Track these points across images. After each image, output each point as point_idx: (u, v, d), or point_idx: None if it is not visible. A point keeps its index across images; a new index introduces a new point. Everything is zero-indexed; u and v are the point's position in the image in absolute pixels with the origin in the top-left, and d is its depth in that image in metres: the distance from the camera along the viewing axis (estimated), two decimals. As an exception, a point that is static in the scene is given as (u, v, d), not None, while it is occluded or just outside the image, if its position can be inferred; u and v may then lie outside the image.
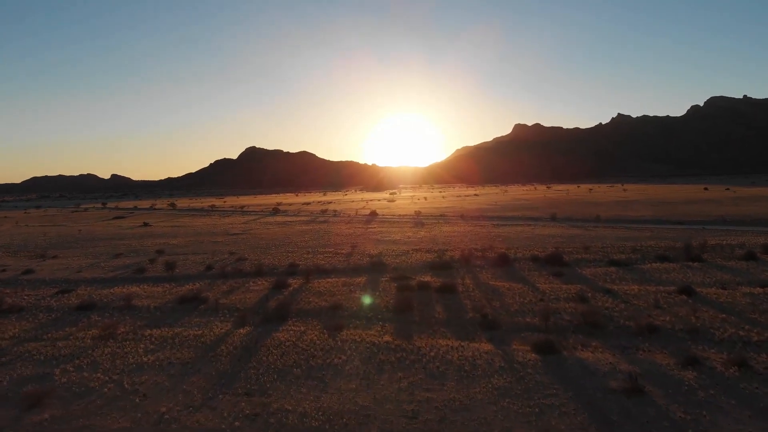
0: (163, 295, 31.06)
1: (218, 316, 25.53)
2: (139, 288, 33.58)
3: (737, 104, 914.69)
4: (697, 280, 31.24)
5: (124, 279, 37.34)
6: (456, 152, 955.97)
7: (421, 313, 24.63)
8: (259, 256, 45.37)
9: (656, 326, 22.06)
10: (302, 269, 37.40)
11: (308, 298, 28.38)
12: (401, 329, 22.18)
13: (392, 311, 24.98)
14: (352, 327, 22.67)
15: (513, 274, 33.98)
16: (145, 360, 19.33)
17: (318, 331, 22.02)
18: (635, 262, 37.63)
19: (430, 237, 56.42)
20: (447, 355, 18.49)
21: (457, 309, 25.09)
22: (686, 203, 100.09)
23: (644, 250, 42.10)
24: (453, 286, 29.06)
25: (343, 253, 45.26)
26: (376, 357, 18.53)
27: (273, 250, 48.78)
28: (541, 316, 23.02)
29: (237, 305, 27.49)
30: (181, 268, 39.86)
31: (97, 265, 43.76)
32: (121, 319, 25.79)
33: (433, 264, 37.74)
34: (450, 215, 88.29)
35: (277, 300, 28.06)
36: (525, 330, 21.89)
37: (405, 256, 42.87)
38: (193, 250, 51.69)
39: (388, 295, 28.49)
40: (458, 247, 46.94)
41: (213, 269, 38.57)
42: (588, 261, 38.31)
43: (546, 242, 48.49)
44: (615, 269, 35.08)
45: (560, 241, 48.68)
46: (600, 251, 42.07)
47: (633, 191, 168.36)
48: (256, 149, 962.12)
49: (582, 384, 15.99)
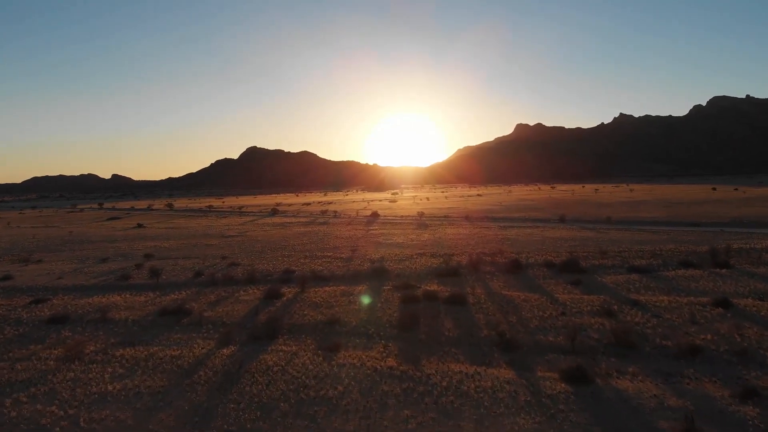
0: (144, 305, 28.33)
1: (201, 332, 22.80)
2: (120, 297, 30.86)
3: (740, 104, 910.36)
4: (730, 289, 28.47)
5: (107, 287, 34.63)
6: (457, 152, 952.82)
7: (428, 329, 21.88)
8: (253, 260, 42.64)
9: (698, 347, 19.28)
10: (298, 276, 34.64)
11: (303, 310, 25.63)
12: (407, 350, 19.44)
13: (396, 327, 22.23)
14: (351, 347, 19.93)
15: (527, 282, 31.21)
16: (110, 389, 16.59)
17: (311, 352, 19.27)
18: (657, 269, 34.85)
19: (435, 240, 53.66)
20: (462, 386, 15.72)
21: (469, 325, 22.32)
22: (697, 204, 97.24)
23: (665, 255, 39.31)
24: (463, 297, 26.29)
25: (343, 258, 42.54)
26: (379, 387, 15.77)
27: (268, 254, 46.05)
28: (566, 335, 20.25)
29: (223, 318, 24.76)
30: (169, 275, 37.13)
31: (80, 271, 41.06)
32: (93, 335, 23.08)
33: (439, 270, 34.98)
34: (454, 216, 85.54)
35: (268, 312, 25.31)
36: (549, 351, 19.15)
37: (409, 261, 40.13)
38: (185, 253, 48.97)
39: (391, 306, 25.74)
40: (465, 251, 44.18)
41: (202, 276, 35.84)
42: (606, 267, 35.53)
43: (558, 246, 45.70)
44: (637, 276, 32.30)
45: (573, 245, 45.89)
46: (618, 256, 39.29)
47: (640, 191, 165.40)
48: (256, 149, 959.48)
49: (627, 426, 13.22)
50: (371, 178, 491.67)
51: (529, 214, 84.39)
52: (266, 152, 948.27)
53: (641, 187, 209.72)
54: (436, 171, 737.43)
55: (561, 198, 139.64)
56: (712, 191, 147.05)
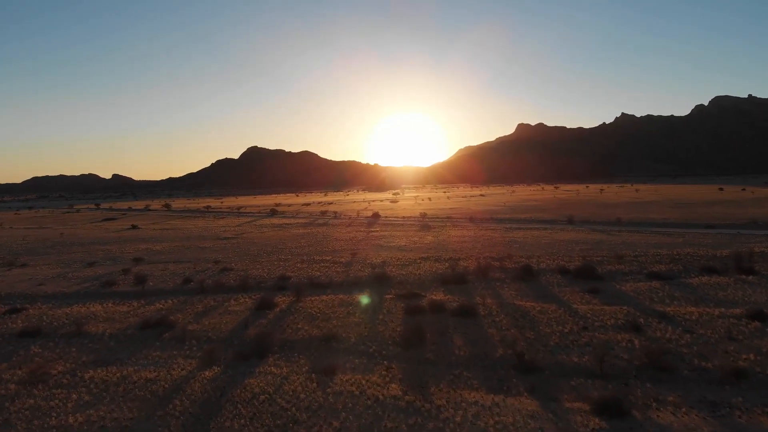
0: (125, 317, 26.06)
1: (183, 349, 20.54)
2: (101, 306, 28.61)
3: (742, 104, 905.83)
4: (762, 299, 26.14)
5: (89, 294, 32.38)
6: (459, 152, 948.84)
7: (436, 346, 19.59)
8: (246, 265, 40.35)
9: (742, 369, 16.97)
10: (293, 283, 32.35)
11: (297, 323, 23.35)
12: (412, 373, 17.15)
13: (399, 343, 19.94)
14: (349, 369, 17.65)
15: (541, 291, 28.91)
16: (71, 422, 14.34)
17: (304, 375, 16.99)
18: (679, 275, 32.51)
19: (439, 242, 51.33)
20: (478, 421, 13.43)
21: (481, 341, 20.02)
22: (707, 204, 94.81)
23: (684, 260, 36.98)
24: (473, 309, 23.99)
25: (342, 262, 40.23)
26: (381, 423, 13.48)
27: (264, 258, 43.76)
28: (592, 355, 17.96)
29: (209, 333, 22.49)
30: (156, 281, 34.86)
31: (64, 276, 38.82)
32: (64, 352, 20.82)
33: (444, 276, 32.66)
34: (457, 217, 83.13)
35: (258, 326, 23.05)
36: (574, 374, 16.85)
37: (412, 265, 37.83)
38: (177, 257, 46.70)
39: (394, 319, 23.45)
40: (471, 254, 41.87)
41: (191, 283, 33.56)
42: (624, 273, 33.20)
43: (570, 249, 43.36)
44: (659, 284, 29.97)
45: (585, 249, 43.55)
46: (634, 261, 36.96)
47: (645, 192, 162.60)
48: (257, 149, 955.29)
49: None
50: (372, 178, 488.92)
51: (535, 215, 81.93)
52: (267, 152, 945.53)
53: (646, 187, 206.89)
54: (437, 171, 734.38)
55: (566, 198, 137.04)
56: (719, 191, 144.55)
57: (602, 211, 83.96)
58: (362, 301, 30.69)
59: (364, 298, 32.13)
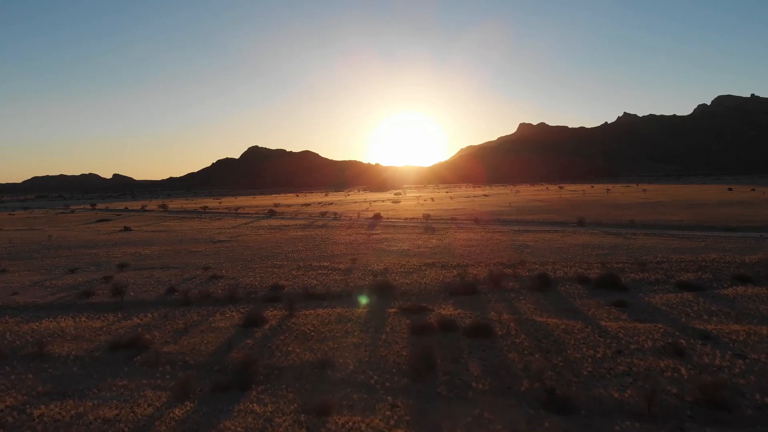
0: (96, 334, 23.22)
1: (155, 377, 17.71)
2: (72, 321, 25.80)
3: (745, 103, 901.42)
4: (811, 314, 23.34)
5: (63, 306, 29.57)
6: (460, 152, 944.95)
7: (449, 377, 16.72)
8: (238, 272, 37.51)
9: (817, 407, 14.21)
10: (287, 294, 29.51)
11: (287, 344, 20.50)
12: (422, 413, 14.28)
13: (406, 373, 17.08)
14: (346, 407, 14.77)
15: (561, 304, 26.04)
16: (0, 481, 11.51)
17: (291, 416, 14.14)
18: (711, 285, 29.61)
19: (444, 246, 48.43)
20: (509, 488, 10.56)
21: (502, 370, 17.15)
22: (719, 205, 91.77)
23: (713, 267, 34.08)
24: (488, 327, 21.12)
25: (341, 269, 37.38)
26: (385, 491, 10.60)
27: (257, 264, 40.92)
28: (635, 389, 15.12)
29: (187, 356, 19.65)
30: (138, 291, 32.02)
31: (41, 285, 36.00)
32: (20, 379, 17.99)
33: (453, 286, 29.80)
34: (462, 218, 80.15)
35: (243, 347, 20.22)
36: (617, 414, 13.94)
37: (417, 273, 34.97)
38: (165, 262, 43.87)
39: (399, 339, 20.58)
40: (480, 260, 38.99)
41: (176, 293, 30.72)
42: (650, 283, 30.30)
43: (585, 255, 40.46)
44: (691, 296, 27.08)
45: (602, 254, 40.65)
46: (659, 268, 34.06)
47: (653, 192, 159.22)
48: (258, 149, 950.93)
49: None
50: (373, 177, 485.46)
51: (543, 216, 78.87)
52: (268, 152, 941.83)
53: (653, 187, 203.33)
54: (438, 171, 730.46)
55: (572, 198, 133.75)
56: (729, 192, 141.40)
57: (612, 213, 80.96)
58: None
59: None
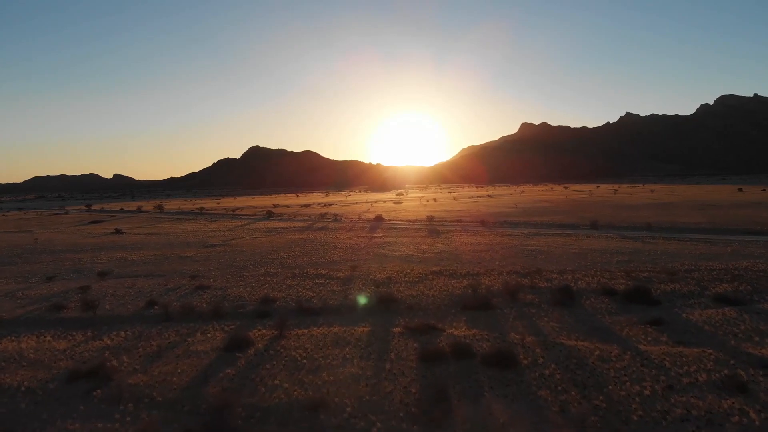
0: (57, 358, 20.11)
1: (113, 419, 14.60)
2: (35, 341, 22.71)
3: (748, 103, 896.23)
4: None
5: (30, 321, 26.47)
6: (462, 152, 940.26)
7: (469, 425, 13.57)
8: (227, 281, 34.39)
9: None
10: (279, 308, 26.41)
11: (274, 375, 17.36)
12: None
13: (415, 417, 13.94)
14: (343, 470, 11.65)
15: (589, 322, 22.88)
16: None
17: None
18: (752, 298, 26.42)
19: (451, 251, 45.30)
20: None
21: (533, 415, 13.99)
22: (735, 206, 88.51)
23: (748, 277, 30.90)
24: (510, 354, 17.96)
25: (340, 278, 34.23)
26: None
27: (249, 272, 37.82)
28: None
29: (155, 390, 16.52)
30: (114, 304, 28.91)
31: (12, 296, 32.92)
32: (-53, 422, 14.90)
33: (465, 299, 26.66)
34: (467, 220, 77.01)
35: (223, 378, 17.10)
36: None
37: (423, 282, 31.82)
38: (151, 269, 40.78)
39: (406, 371, 17.42)
40: (492, 268, 35.83)
41: (156, 306, 27.61)
42: (683, 296, 27.13)
43: (605, 262, 37.30)
44: (734, 312, 23.88)
45: (623, 261, 37.49)
46: (689, 278, 30.88)
47: (661, 192, 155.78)
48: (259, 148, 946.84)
49: None
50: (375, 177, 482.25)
51: (552, 218, 75.64)
52: (269, 152, 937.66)
53: (659, 187, 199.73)
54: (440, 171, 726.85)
55: (579, 199, 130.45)
56: (739, 192, 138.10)
57: (624, 214, 77.75)
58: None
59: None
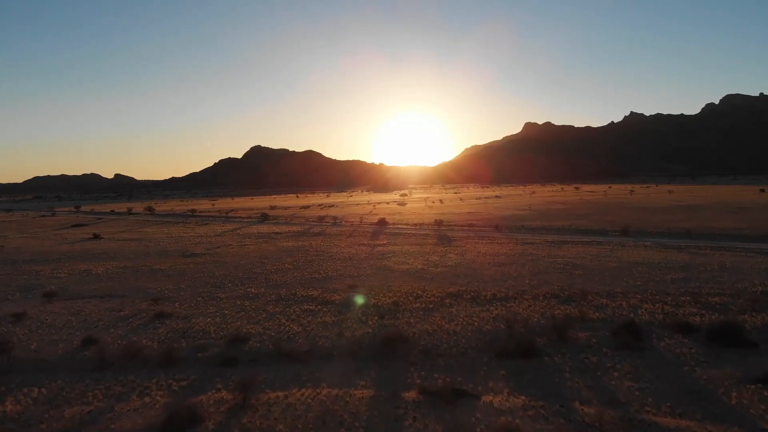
0: None
1: None
2: None
3: (754, 102, 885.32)
4: None
5: None
6: (465, 151, 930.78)
7: None
8: (195, 306, 27.75)
9: None
10: (252, 351, 19.84)
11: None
12: None
13: None
14: None
15: (678, 381, 16.22)
16: None
17: None
18: None
19: (468, 264, 38.58)
20: None
21: None
22: (766, 209, 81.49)
23: None
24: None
25: (335, 302, 27.55)
26: None
27: (225, 292, 31.20)
28: None
29: None
30: (43, 342, 22.28)
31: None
32: None
33: (499, 340, 20.03)
34: (479, 225, 70.14)
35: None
36: None
37: (439, 310, 25.17)
38: (111, 287, 34.17)
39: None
40: (522, 288, 29.09)
41: (92, 346, 20.98)
42: (787, 335, 20.48)
43: (659, 280, 30.52)
44: None
45: (679, 279, 30.74)
46: (780, 306, 24.19)
47: (680, 193, 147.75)
48: (261, 148, 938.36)
49: None
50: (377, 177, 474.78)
51: (573, 222, 68.61)
52: (270, 151, 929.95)
53: (676, 188, 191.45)
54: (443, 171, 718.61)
55: (595, 201, 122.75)
56: (762, 193, 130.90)
57: (652, 218, 70.81)
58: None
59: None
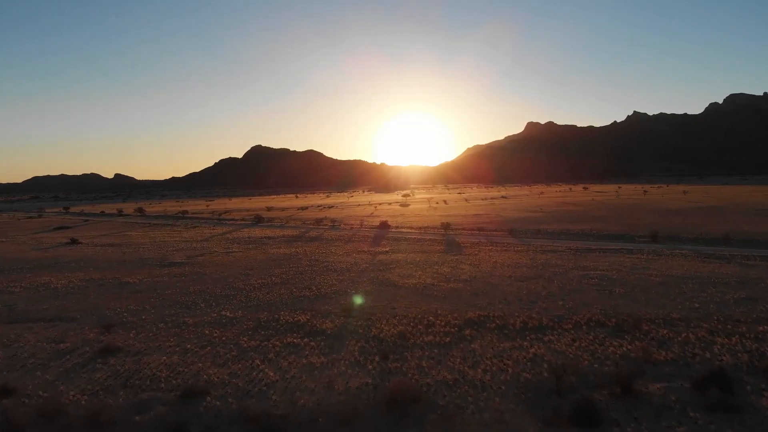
0: None
1: None
2: None
3: (757, 101, 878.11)
4: None
5: None
6: (467, 151, 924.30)
7: None
8: (153, 337, 22.47)
9: None
10: (207, 412, 14.61)
11: None
12: None
13: None
14: None
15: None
16: None
17: None
18: None
19: (485, 278, 33.24)
20: None
21: None
22: (797, 211, 75.98)
23: None
24: None
25: (326, 332, 22.28)
26: None
27: (194, 316, 25.88)
28: None
29: None
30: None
31: None
32: None
33: (543, 398, 14.82)
34: (490, 228, 64.69)
35: None
36: None
37: (458, 346, 19.90)
38: (64, 307, 28.89)
39: None
40: (556, 312, 23.81)
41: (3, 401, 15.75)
42: None
43: (720, 301, 25.20)
44: None
45: (743, 300, 25.41)
46: None
47: (696, 193, 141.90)
48: (261, 148, 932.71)
49: None
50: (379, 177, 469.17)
51: (593, 226, 62.96)
52: (271, 151, 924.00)
53: (689, 188, 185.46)
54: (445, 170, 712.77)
55: (607, 202, 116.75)
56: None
57: (676, 221, 65.35)
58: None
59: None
